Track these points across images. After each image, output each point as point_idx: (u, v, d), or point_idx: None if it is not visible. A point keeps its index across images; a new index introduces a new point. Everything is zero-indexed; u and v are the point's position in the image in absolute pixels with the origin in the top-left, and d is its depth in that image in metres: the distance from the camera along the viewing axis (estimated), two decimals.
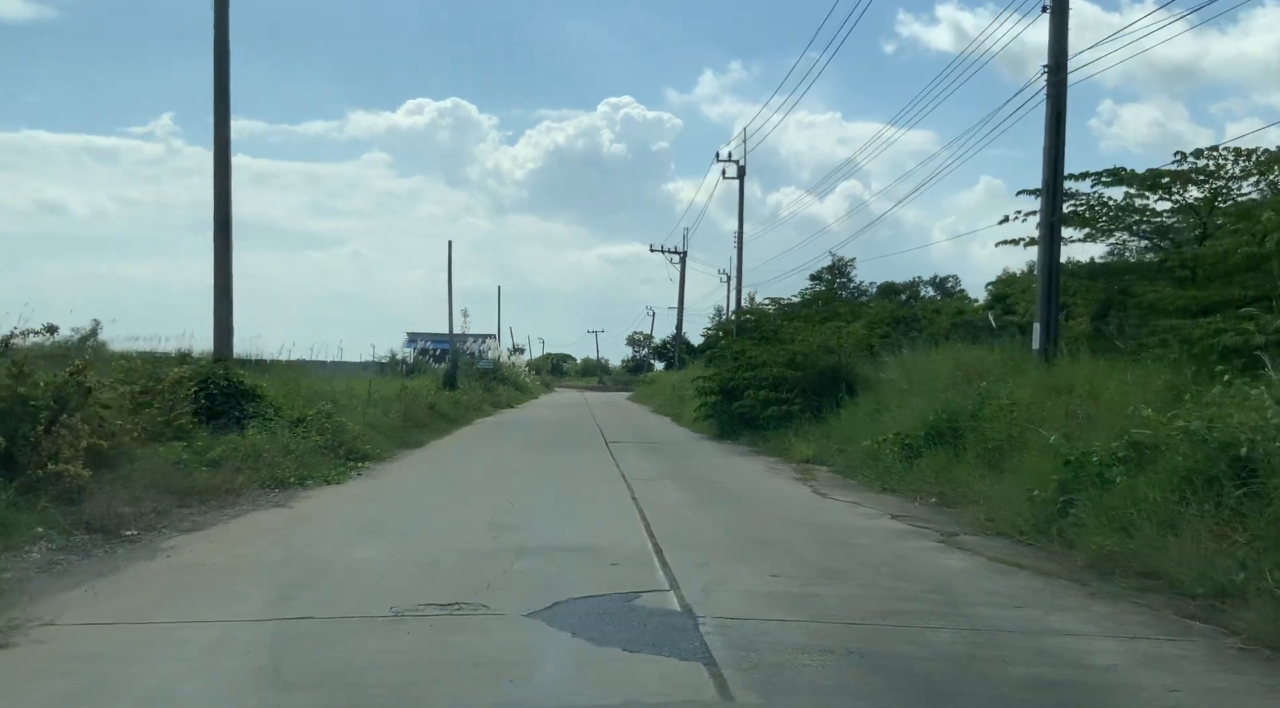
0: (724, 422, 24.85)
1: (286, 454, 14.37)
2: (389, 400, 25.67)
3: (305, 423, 16.96)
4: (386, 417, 21.83)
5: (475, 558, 8.32)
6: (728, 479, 15.60)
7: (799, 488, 14.57)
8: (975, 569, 8.53)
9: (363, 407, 21.70)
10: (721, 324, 50.61)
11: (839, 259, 48.21)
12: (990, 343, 20.71)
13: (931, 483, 13.75)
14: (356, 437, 17.69)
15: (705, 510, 11.81)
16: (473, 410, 33.43)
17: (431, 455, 18.56)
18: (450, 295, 45.94)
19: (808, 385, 22.65)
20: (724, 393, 24.92)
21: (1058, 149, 16.19)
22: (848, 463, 17.05)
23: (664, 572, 7.98)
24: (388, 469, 15.94)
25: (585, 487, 14.02)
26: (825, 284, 46.20)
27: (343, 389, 23.72)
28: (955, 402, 15.31)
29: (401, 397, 26.84)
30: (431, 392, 33.76)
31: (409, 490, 13.24)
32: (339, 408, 20.72)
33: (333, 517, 10.73)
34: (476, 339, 60.78)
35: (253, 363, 29.64)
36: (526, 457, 17.85)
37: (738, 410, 23.59)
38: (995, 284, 43.64)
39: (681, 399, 41.38)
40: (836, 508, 12.48)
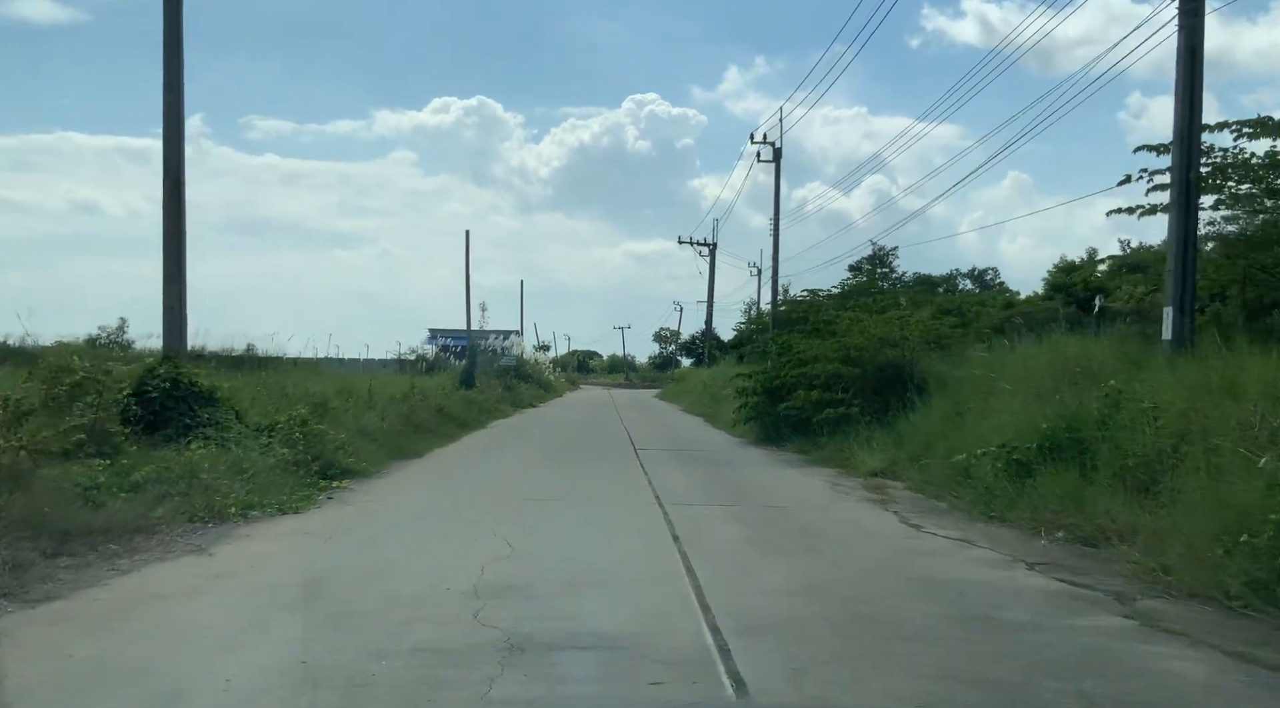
0: (768, 425, 21.67)
1: (236, 474, 11.33)
2: (394, 402, 22.72)
3: (275, 432, 13.96)
4: (384, 421, 18.80)
5: (437, 666, 5.20)
6: (788, 501, 12.40)
7: (881, 516, 11.37)
8: (1232, 686, 5.32)
9: (356, 410, 18.69)
10: (755, 318, 47.36)
11: (879, 248, 44.91)
12: (1084, 333, 17.47)
13: (1054, 511, 10.55)
14: (339, 448, 14.65)
15: (773, 557, 8.63)
16: (489, 411, 30.39)
17: (428, 469, 15.47)
18: (468, 289, 42.98)
19: (866, 384, 19.44)
20: (768, 393, 21.73)
21: (1192, 93, 12.89)
22: (928, 479, 13.85)
23: (737, 694, 4.84)
24: (369, 489, 12.87)
25: (610, 516, 10.89)
26: (866, 275, 42.87)
27: (338, 390, 20.79)
28: (1072, 405, 12.10)
29: (409, 397, 23.88)
30: (446, 391, 30.85)
31: (381, 524, 10.14)
32: (328, 412, 17.76)
33: (256, 573, 7.61)
34: (498, 336, 57.85)
35: (231, 358, 26.78)
36: (540, 471, 14.74)
37: (785, 413, 20.40)
38: (1054, 272, 40.15)
39: (714, 398, 38.28)
40: (944, 549, 9.28)
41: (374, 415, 18.89)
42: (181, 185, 13.64)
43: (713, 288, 61.28)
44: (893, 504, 12.30)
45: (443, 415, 24.12)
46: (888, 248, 44.73)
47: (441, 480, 13.96)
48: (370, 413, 19.11)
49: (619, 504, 11.70)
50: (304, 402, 17.46)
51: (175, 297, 13.59)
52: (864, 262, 44.93)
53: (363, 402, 20.09)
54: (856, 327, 19.93)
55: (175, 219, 13.59)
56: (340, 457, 14.28)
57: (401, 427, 19.61)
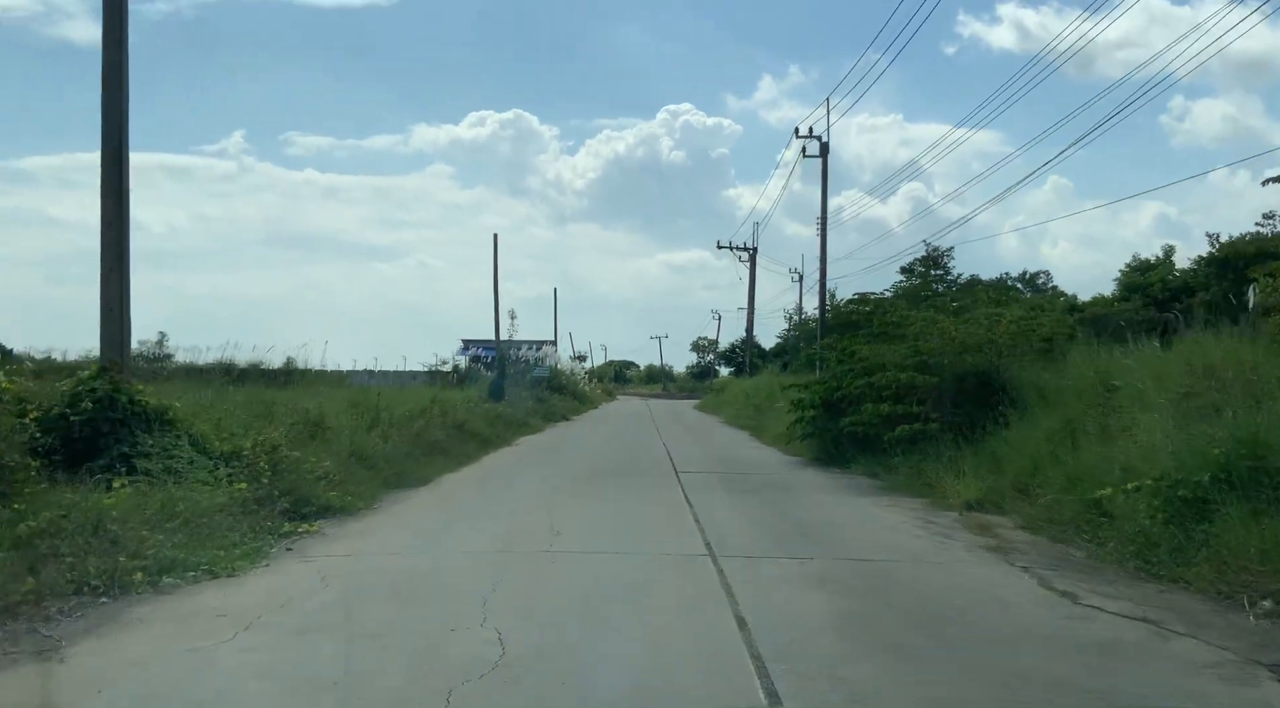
0: (828, 442, 18.78)
1: (165, 520, 8.66)
2: (407, 418, 20.09)
3: (239, 460, 11.32)
4: (387, 442, 16.12)
5: None
6: (879, 550, 9.48)
7: (1013, 576, 8.42)
8: None
9: (357, 429, 16.03)
10: (800, 324, 44.38)
11: (933, 249, 41.57)
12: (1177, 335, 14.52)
13: (1252, 570, 7.66)
14: (319, 479, 11.98)
15: (891, 662, 5.73)
16: (517, 427, 27.68)
17: (425, 504, 12.67)
18: (496, 297, 40.30)
19: (944, 395, 16.52)
20: (827, 406, 18.85)
21: None
22: (1046, 515, 10.95)
23: None
24: (343, 534, 10.12)
25: (645, 578, 8.05)
26: (920, 277, 39.75)
27: (352, 404, 18.23)
28: (1253, 426, 9.16)
29: (426, 412, 21.25)
30: (471, 404, 28.24)
31: (336, 594, 7.38)
32: (321, 433, 15.16)
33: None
34: (531, 346, 55.24)
35: (252, 372, 24.32)
36: (560, 508, 11.94)
37: (848, 428, 17.51)
38: (1126, 272, 36.91)
39: (758, 409, 35.37)
40: (1130, 640, 6.34)
41: (375, 436, 16.22)
42: (124, 154, 11.03)
43: (753, 294, 58.30)
44: (1015, 554, 9.37)
45: (462, 433, 21.45)
46: (942, 248, 41.45)
47: (438, 521, 11.16)
48: (372, 433, 16.45)
49: (657, 560, 8.84)
50: (293, 421, 14.91)
51: (115, 294, 10.96)
52: (916, 263, 41.69)
53: (367, 419, 17.45)
54: (933, 329, 16.99)
55: (116, 198, 10.99)
56: (318, 490, 11.58)
57: (410, 448, 16.93)
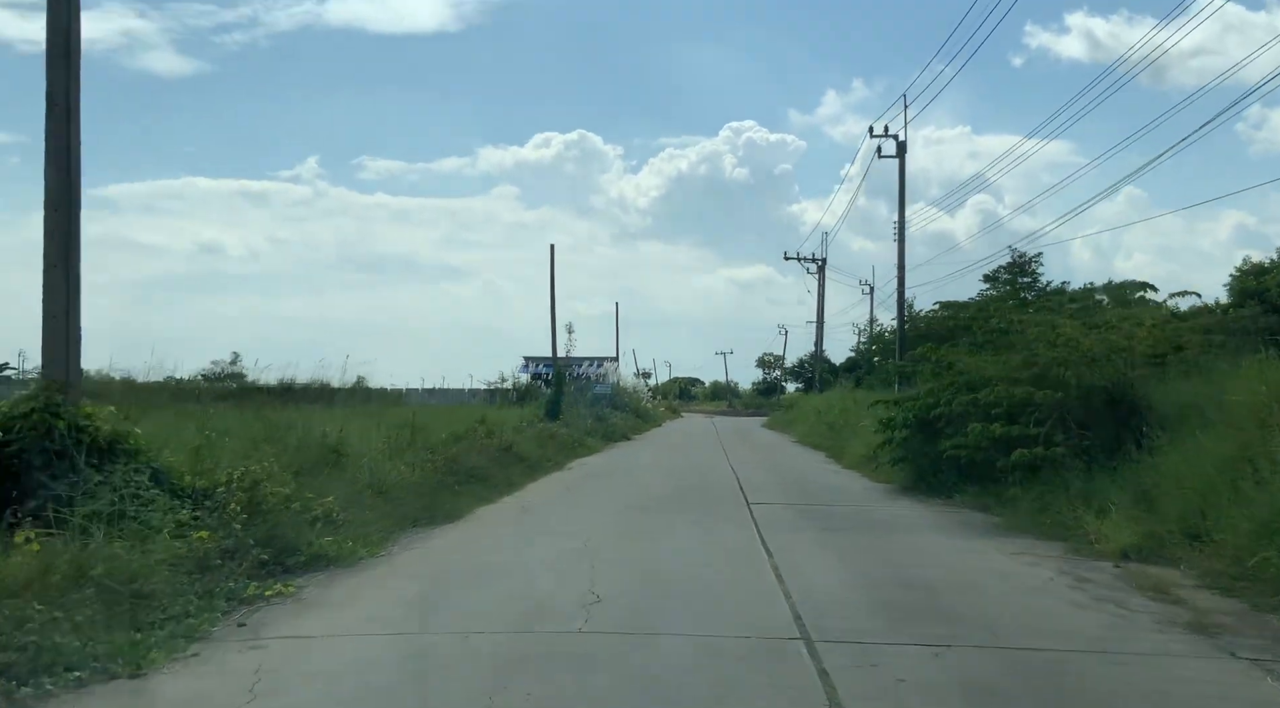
0: (923, 467, 16.09)
1: (74, 589, 6.43)
2: (449, 440, 17.92)
3: (211, 500, 9.11)
4: (414, 471, 13.85)
5: None
6: (1035, 631, 6.80)
7: (1242, 674, 5.78)
8: None
9: (378, 457, 13.80)
10: (876, 336, 41.47)
11: (1019, 255, 38.50)
12: None
13: None
14: (315, 520, 9.74)
15: None
16: (572, 448, 25.33)
17: (443, 550, 10.24)
18: (552, 310, 38.11)
19: (1068, 413, 13.81)
20: (922, 426, 16.19)
21: None
22: (1235, 570, 8.31)
23: None
24: (322, 602, 7.75)
25: (712, 681, 5.59)
26: (1007, 285, 36.72)
27: (378, 427, 16.13)
28: None
29: (471, 433, 19.06)
30: (524, 424, 26.05)
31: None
32: (340, 461, 13.03)
33: None
34: (592, 363, 53.14)
35: (301, 390, 22.48)
36: (606, 554, 9.49)
37: (949, 452, 14.84)
38: (1238, 276, 33.39)
39: (832, 428, 32.62)
40: None
41: (400, 464, 13.96)
42: (73, 115, 8.88)
43: (822, 306, 55.47)
44: (1224, 634, 6.72)
45: (508, 457, 19.14)
46: (1030, 254, 38.35)
47: (443, 579, 8.74)
48: (399, 460, 14.20)
49: (730, 648, 6.34)
50: (303, 447, 12.77)
51: (60, 296, 8.80)
52: (1001, 270, 38.66)
53: (390, 444, 15.23)
54: (1051, 334, 14.29)
55: (63, 172, 8.86)
56: (309, 536, 9.30)
57: (442, 476, 14.66)
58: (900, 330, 33.26)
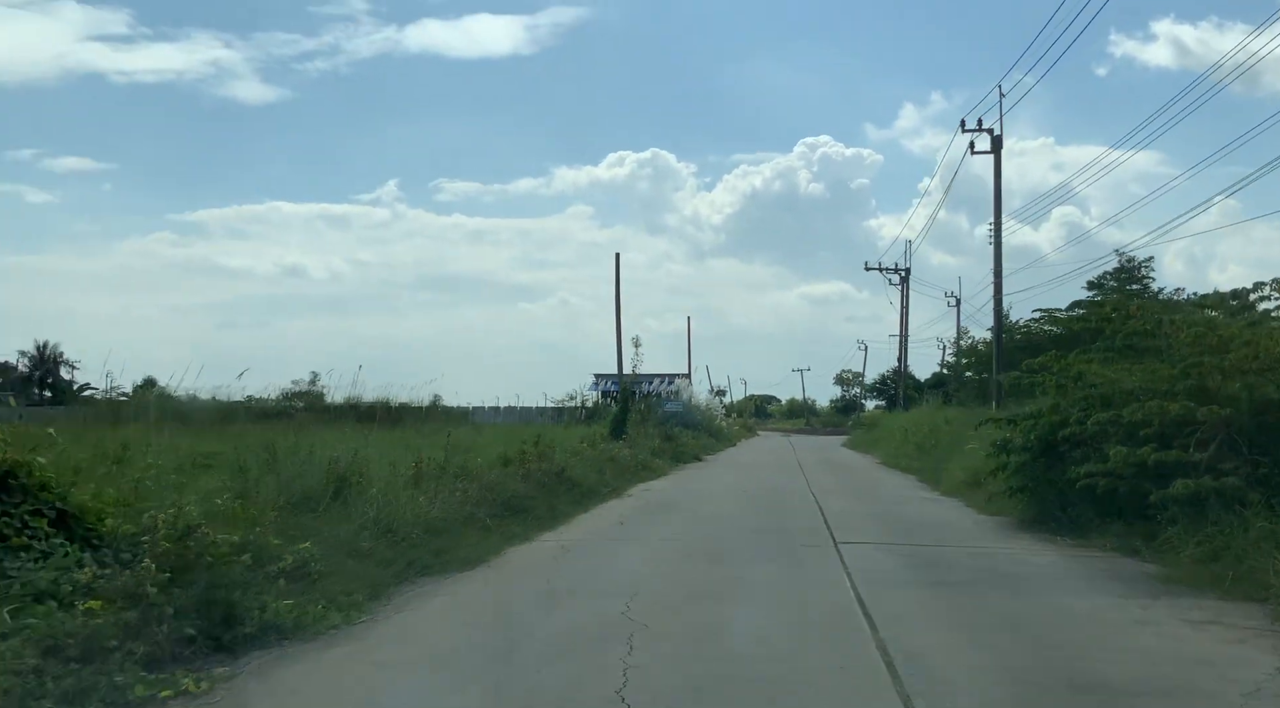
0: (1048, 499, 13.30)
1: None
2: (494, 462, 15.75)
3: (138, 550, 6.92)
4: (434, 503, 11.57)
5: None
6: None
7: None
8: None
9: (390, 488, 11.56)
10: (968, 349, 38.29)
11: (1127, 259, 35.18)
12: None
13: None
14: (279, 574, 7.51)
15: None
16: (636, 471, 22.91)
17: (443, 614, 7.80)
18: (618, 321, 35.87)
19: (1239, 434, 11.00)
20: (1044, 448, 13.43)
21: None
22: None
23: None
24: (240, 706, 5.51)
25: None
26: (1114, 292, 33.39)
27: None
28: None
29: (521, 457, 16.81)
30: (590, 443, 23.79)
31: None
32: (349, 489, 10.89)
33: None
34: (663, 379, 50.71)
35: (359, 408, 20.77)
36: (654, 629, 7.04)
37: (1083, 481, 12.10)
38: None
39: (921, 449, 29.65)
40: None
41: (420, 495, 11.70)
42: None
43: (906, 319, 52.24)
44: None
45: (560, 482, 16.80)
46: (1139, 259, 34.98)
47: (425, 666, 6.39)
48: (418, 491, 11.95)
49: None
50: (303, 476, 10.63)
51: None
52: (1106, 277, 35.37)
53: (419, 470, 13.01)
54: (1218, 339, 11.47)
55: None
56: (262, 598, 7.04)
57: (473, 508, 12.37)
58: (997, 340, 30.20)
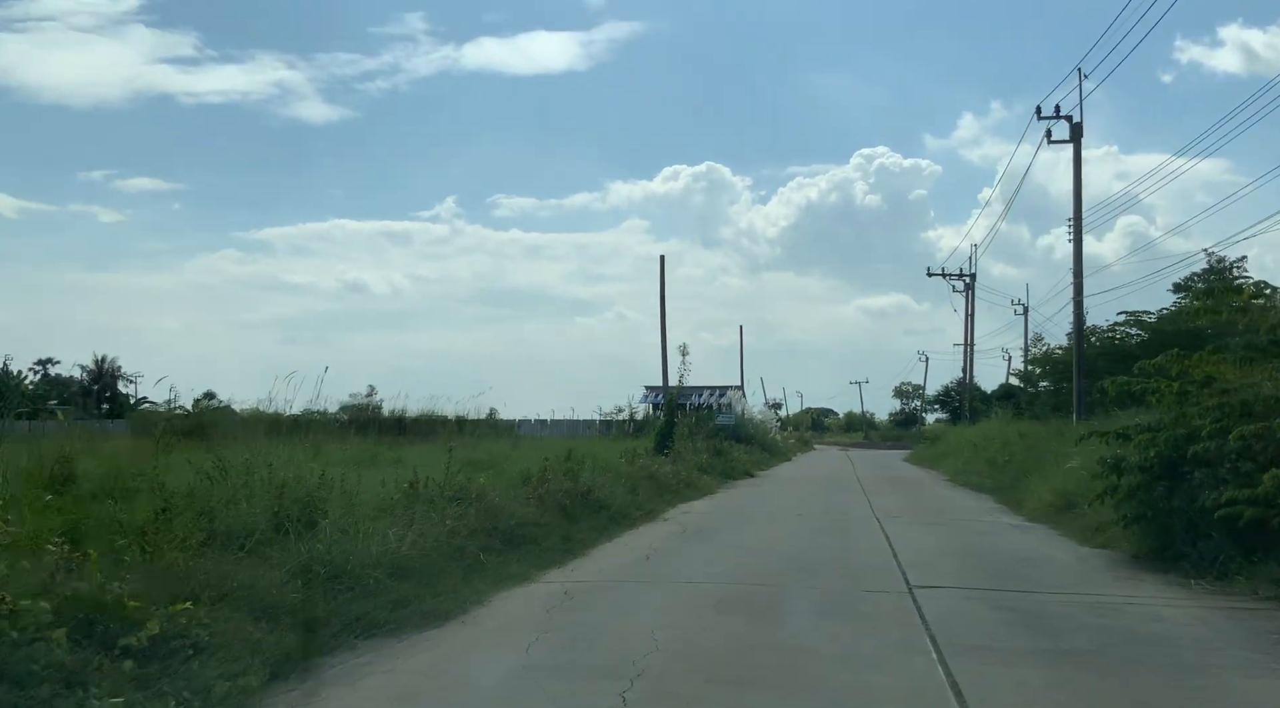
0: (1169, 529, 10.70)
1: None
2: (512, 482, 13.62)
3: None
4: (411, 537, 9.30)
5: None
6: None
7: None
8: None
9: (363, 517, 9.34)
10: (1043, 356, 35.25)
11: (1217, 260, 31.99)
12: None
13: None
14: (126, 651, 5.31)
15: None
16: (676, 490, 20.52)
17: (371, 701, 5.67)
18: (663, 327, 33.58)
19: None
20: (1167, 468, 10.83)
21: None
22: None
23: None
24: None
25: None
26: (1204, 295, 30.26)
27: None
28: None
29: (542, 478, 14.56)
30: (628, 458, 21.50)
31: None
32: (310, 516, 8.75)
33: None
34: (714, 391, 48.21)
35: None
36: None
37: (1223, 510, 9.53)
38: None
39: (992, 464, 26.81)
40: None
41: (392, 525, 9.46)
42: None
43: (971, 327, 49.22)
44: None
45: (583, 505, 14.53)
46: (1230, 259, 31.80)
47: None
48: (398, 518, 9.72)
49: None
50: (256, 498, 8.52)
51: None
52: (1194, 278, 32.19)
53: (407, 492, 10.80)
54: None
55: None
56: (67, 703, 4.83)
57: (465, 539, 10.12)
58: (1077, 346, 27.34)
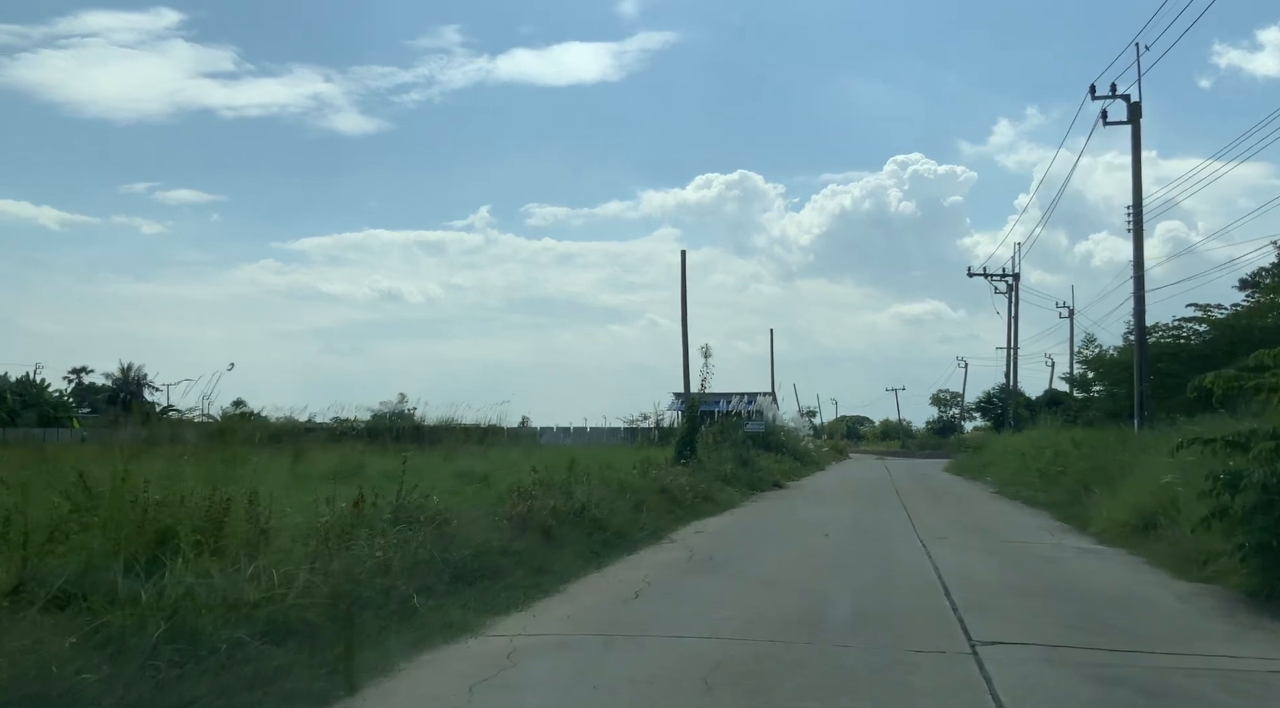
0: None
1: None
2: (498, 499, 11.55)
3: None
4: (330, 578, 7.11)
5: None
6: None
7: None
8: None
9: (201, 549, 7.15)
10: (1095, 358, 32.51)
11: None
12: None
13: None
14: None
15: None
16: (691, 505, 18.22)
17: None
18: (684, 329, 31.33)
19: None
20: None
21: None
22: None
23: None
24: None
25: None
26: (1274, 290, 27.54)
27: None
28: None
29: (523, 493, 12.41)
30: (642, 468, 19.32)
31: None
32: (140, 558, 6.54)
33: None
34: (743, 398, 45.81)
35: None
36: None
37: None
38: None
39: (1044, 476, 24.29)
40: None
41: (314, 554, 7.27)
42: None
43: (1015, 330, 46.45)
44: None
45: (575, 525, 12.31)
46: None
47: None
48: (306, 549, 7.52)
49: None
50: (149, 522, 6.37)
51: None
52: (1262, 273, 29.44)
53: (342, 516, 8.62)
54: None
55: None
56: None
57: (395, 581, 7.92)
58: (1139, 344, 24.69)
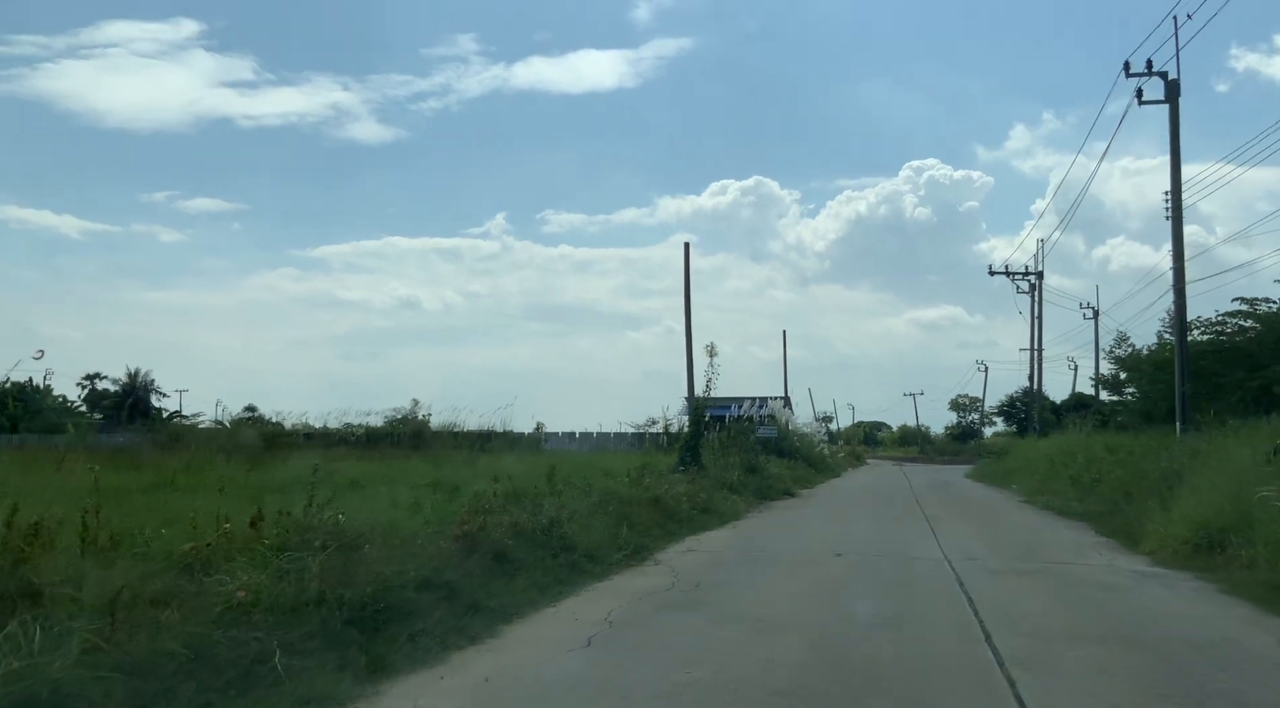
0: None
1: None
2: (449, 515, 9.63)
3: None
4: (161, 634, 5.19)
5: None
6: None
7: None
8: None
9: None
10: (1128, 357, 30.25)
11: None
12: None
13: None
14: None
15: None
16: (691, 516, 16.19)
17: None
18: (688, 328, 29.33)
19: None
20: None
21: None
22: None
23: None
24: None
25: None
26: None
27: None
28: None
29: (475, 509, 10.50)
30: (636, 476, 17.43)
31: None
32: None
33: None
34: (755, 402, 43.76)
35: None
36: None
37: None
38: None
39: (1077, 483, 22.23)
40: None
41: (171, 593, 5.32)
42: None
43: (1039, 331, 44.20)
44: None
45: (538, 545, 10.34)
46: None
47: None
48: (161, 586, 5.58)
49: None
50: None
51: None
52: None
53: (201, 551, 6.67)
54: None
55: None
56: None
57: (257, 629, 5.97)
58: (1180, 341, 22.49)
